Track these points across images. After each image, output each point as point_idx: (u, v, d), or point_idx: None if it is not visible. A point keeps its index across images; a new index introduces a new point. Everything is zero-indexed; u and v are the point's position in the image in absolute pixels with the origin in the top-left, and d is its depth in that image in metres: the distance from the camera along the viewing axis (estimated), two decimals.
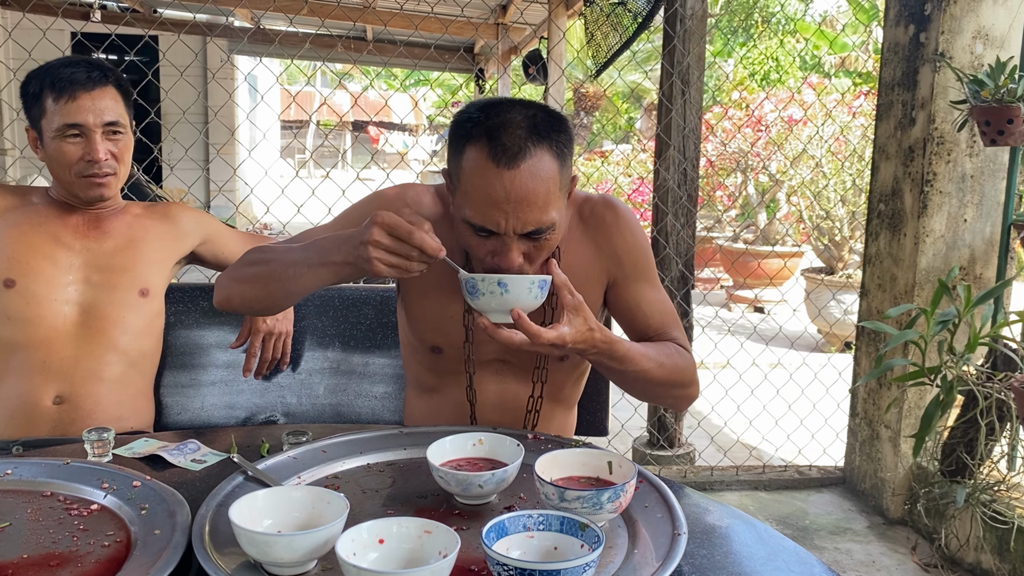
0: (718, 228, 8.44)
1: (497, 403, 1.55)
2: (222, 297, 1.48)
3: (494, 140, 1.25)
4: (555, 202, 1.29)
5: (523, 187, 1.25)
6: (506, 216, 1.26)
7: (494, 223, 1.27)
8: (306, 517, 1.03)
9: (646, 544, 1.03)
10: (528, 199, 1.25)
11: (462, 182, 1.30)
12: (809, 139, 5.95)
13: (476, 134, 1.27)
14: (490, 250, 1.32)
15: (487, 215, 1.27)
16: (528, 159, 1.25)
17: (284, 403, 1.98)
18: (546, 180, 1.27)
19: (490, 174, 1.25)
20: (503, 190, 1.25)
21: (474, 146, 1.27)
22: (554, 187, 1.28)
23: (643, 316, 1.52)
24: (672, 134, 3.39)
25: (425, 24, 5.48)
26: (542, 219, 1.28)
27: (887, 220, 3.18)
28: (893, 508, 3.17)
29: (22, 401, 1.69)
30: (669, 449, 3.61)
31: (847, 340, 5.76)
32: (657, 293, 1.54)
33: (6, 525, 1.08)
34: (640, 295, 1.52)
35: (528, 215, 1.27)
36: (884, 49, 3.23)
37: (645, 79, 13.49)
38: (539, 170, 1.26)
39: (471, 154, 1.28)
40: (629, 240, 1.51)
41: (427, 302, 1.52)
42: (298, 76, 19.48)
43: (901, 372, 2.95)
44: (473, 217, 1.29)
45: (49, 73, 1.69)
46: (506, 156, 1.24)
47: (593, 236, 1.50)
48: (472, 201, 1.28)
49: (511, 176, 1.24)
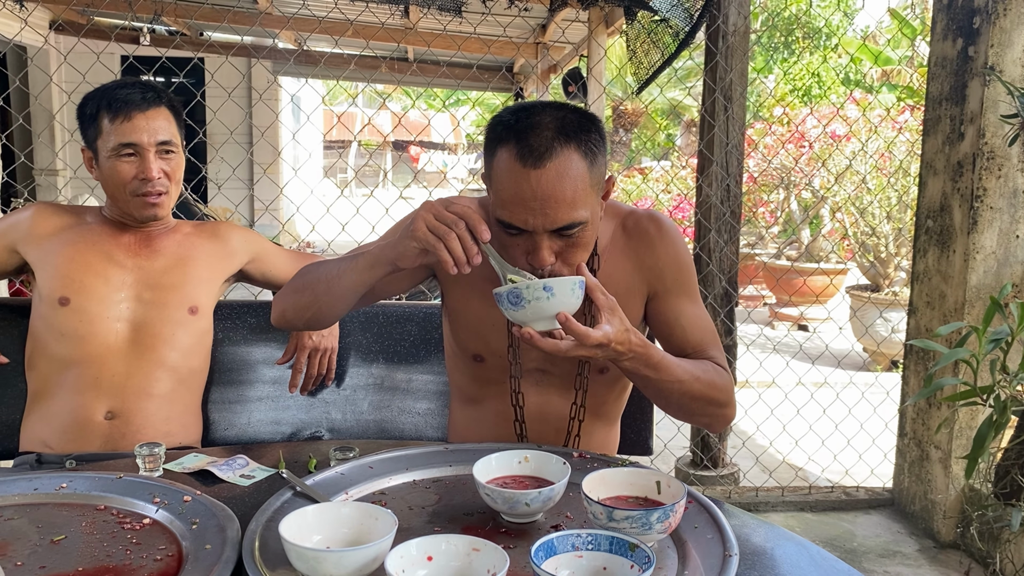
0: (761, 245, 8.36)
1: (538, 415, 1.55)
2: (278, 312, 1.54)
3: (522, 142, 1.29)
4: (584, 200, 1.31)
5: (549, 186, 1.28)
6: (534, 214, 1.29)
7: (522, 220, 1.30)
8: (354, 533, 1.03)
9: (696, 565, 1.02)
10: (555, 197, 1.28)
11: (494, 183, 1.34)
12: (854, 155, 5.87)
13: (506, 136, 1.32)
14: (524, 250, 1.34)
15: (515, 213, 1.30)
16: (555, 159, 1.28)
17: (329, 419, 1.99)
18: (574, 179, 1.29)
19: (518, 174, 1.29)
20: (530, 189, 1.28)
21: (504, 148, 1.31)
22: (583, 185, 1.31)
23: (682, 331, 1.51)
24: (715, 150, 3.37)
25: (467, 45, 5.53)
26: (570, 216, 1.30)
27: (935, 236, 3.12)
28: (944, 531, 3.09)
29: (75, 416, 1.73)
30: (713, 469, 3.57)
31: (894, 359, 5.66)
32: (697, 309, 1.53)
33: (61, 538, 1.10)
34: (680, 310, 1.51)
35: (555, 212, 1.29)
36: (931, 63, 3.18)
37: (686, 96, 13.44)
38: (566, 169, 1.29)
39: (501, 155, 1.32)
40: (672, 253, 1.51)
41: (469, 309, 1.53)
42: (339, 96, 19.75)
43: (952, 392, 2.89)
44: (504, 216, 1.32)
45: (106, 95, 1.74)
46: (532, 156, 1.28)
47: (635, 249, 1.51)
48: (502, 200, 1.32)
49: (537, 175, 1.28)
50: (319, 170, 13.28)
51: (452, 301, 1.56)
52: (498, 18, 4.70)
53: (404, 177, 20.95)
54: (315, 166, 13.16)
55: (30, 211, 1.82)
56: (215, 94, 6.42)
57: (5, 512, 1.18)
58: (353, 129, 14.65)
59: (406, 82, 7.87)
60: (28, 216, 1.81)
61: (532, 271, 1.33)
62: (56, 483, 1.25)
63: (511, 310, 1.24)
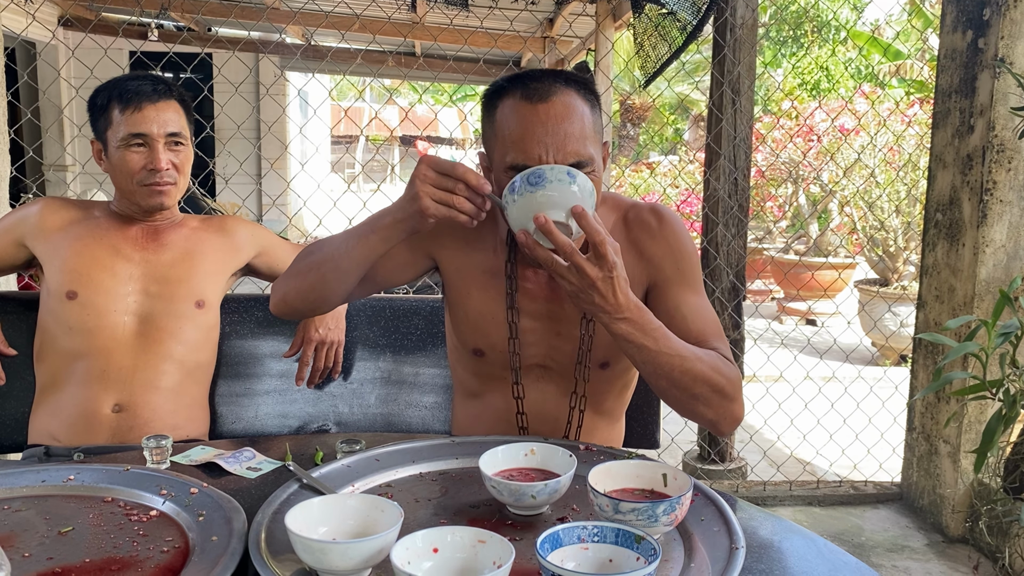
0: (768, 239, 8.34)
1: (539, 410, 1.54)
2: (278, 298, 1.50)
3: (526, 86, 1.32)
4: (591, 140, 1.33)
5: (559, 117, 1.30)
6: (546, 148, 1.29)
7: (535, 157, 1.29)
8: (360, 525, 1.03)
9: (703, 558, 1.01)
10: (565, 129, 1.30)
11: (499, 134, 1.35)
12: (862, 148, 5.85)
13: (508, 87, 1.34)
14: None
15: (528, 150, 1.30)
16: (559, 95, 1.31)
17: (336, 412, 2.00)
18: (580, 116, 1.32)
19: (526, 111, 1.31)
20: (540, 123, 1.29)
21: (508, 96, 1.34)
22: (588, 124, 1.33)
23: (682, 320, 1.44)
24: (722, 144, 3.36)
25: (473, 39, 5.52)
26: (582, 149, 1.31)
27: (945, 230, 3.11)
28: (953, 525, 3.08)
29: (82, 409, 1.73)
30: (720, 463, 3.56)
31: (902, 353, 5.64)
32: (699, 300, 1.48)
33: (69, 529, 1.10)
34: (680, 299, 1.47)
35: (567, 145, 1.30)
36: (940, 56, 3.16)
37: (694, 90, 13.40)
38: (572, 105, 1.31)
39: (506, 104, 1.34)
40: (672, 244, 1.49)
41: (470, 303, 1.53)
42: (347, 92, 19.74)
43: (961, 385, 2.88)
44: (516, 157, 1.31)
45: (117, 86, 1.75)
46: (538, 94, 1.31)
47: (636, 240, 1.49)
48: (512, 142, 1.32)
49: (546, 108, 1.30)
50: (326, 165, 13.29)
51: (452, 294, 1.56)
52: (505, 12, 4.69)
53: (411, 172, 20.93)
54: (322, 161, 13.18)
55: (38, 206, 1.83)
56: (223, 89, 6.43)
57: (13, 504, 1.18)
58: (360, 124, 14.65)
59: (413, 76, 7.87)
60: (36, 211, 1.82)
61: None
62: (63, 475, 1.25)
63: (528, 191, 1.20)
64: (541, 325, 1.51)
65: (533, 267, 1.49)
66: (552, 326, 1.50)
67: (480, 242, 1.52)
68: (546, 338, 1.51)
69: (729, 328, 3.45)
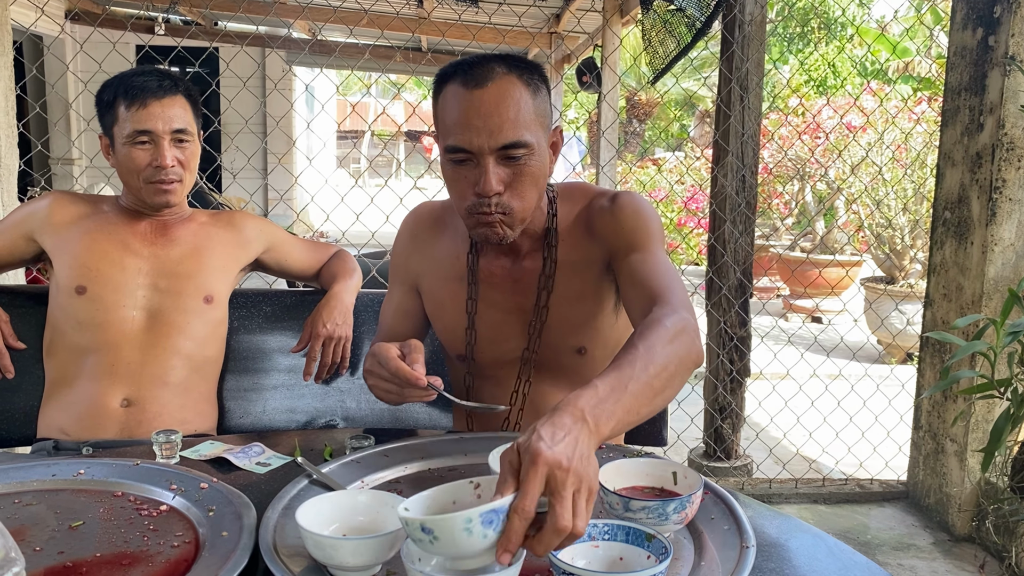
0: (775, 236, 8.32)
1: (530, 405, 1.55)
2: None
3: (466, 72, 1.35)
4: (528, 125, 1.34)
5: (492, 103, 1.32)
6: (478, 132, 1.32)
7: (467, 141, 1.33)
8: (370, 521, 1.03)
9: (712, 557, 1.01)
10: (498, 114, 1.32)
11: (440, 118, 1.38)
12: (870, 146, 5.83)
13: (452, 72, 1.37)
14: (472, 181, 1.36)
15: (461, 135, 1.33)
16: (496, 81, 1.33)
17: (344, 407, 2.00)
18: (516, 100, 1.34)
19: (462, 97, 1.34)
20: (473, 108, 1.33)
21: (450, 83, 1.37)
22: (526, 110, 1.34)
23: (642, 279, 1.39)
24: (730, 140, 3.35)
25: (481, 34, 5.51)
26: (514, 134, 1.33)
27: (953, 228, 3.10)
28: (959, 524, 3.08)
29: (91, 403, 1.74)
30: (726, 461, 3.56)
31: (909, 351, 5.63)
32: (653, 258, 1.42)
33: (79, 524, 1.11)
34: (634, 265, 1.42)
35: (499, 130, 1.32)
36: (950, 53, 3.15)
37: (701, 86, 13.37)
38: (508, 91, 1.33)
39: (448, 89, 1.37)
40: (621, 218, 1.47)
41: (445, 313, 1.56)
42: (352, 87, 19.73)
43: (968, 384, 2.87)
44: (451, 140, 1.35)
45: (123, 82, 1.74)
46: (475, 80, 1.33)
47: (593, 222, 1.50)
48: (448, 126, 1.36)
49: (480, 94, 1.33)
50: (333, 160, 13.28)
51: (430, 307, 1.59)
52: (513, 7, 4.69)
53: (418, 167, 20.95)
54: (329, 156, 13.17)
55: (48, 200, 1.83)
56: (229, 83, 6.43)
57: (24, 498, 1.19)
58: (367, 119, 14.64)
59: (420, 72, 7.86)
60: (46, 205, 1.82)
61: (479, 204, 1.36)
62: (74, 469, 1.25)
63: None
64: (512, 317, 1.53)
65: (495, 259, 1.52)
66: (522, 316, 1.52)
67: (445, 251, 1.56)
68: (520, 330, 1.53)
69: (736, 325, 3.45)
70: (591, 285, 1.50)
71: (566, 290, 1.49)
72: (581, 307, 1.51)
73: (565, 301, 1.50)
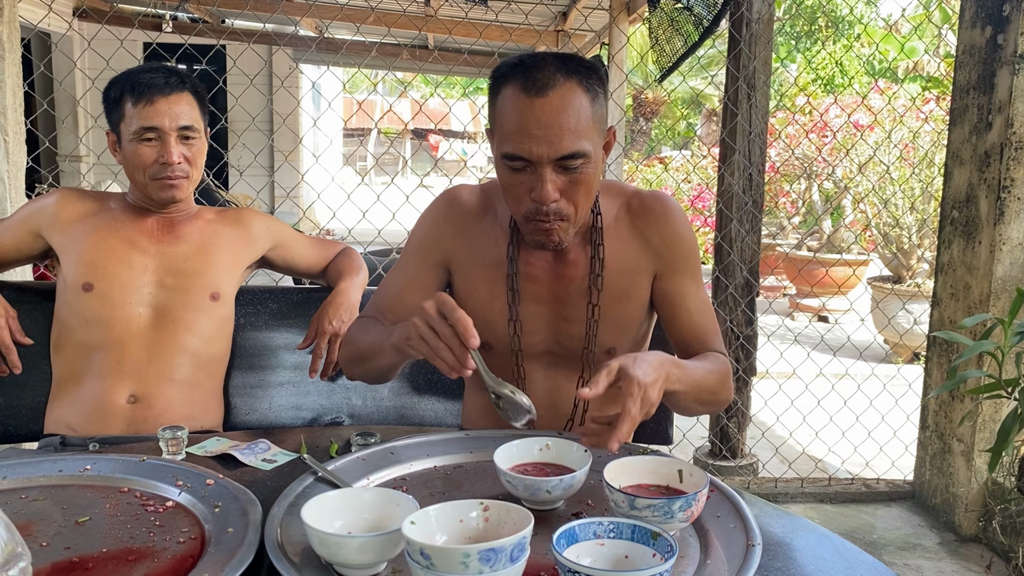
0: (781, 235, 8.30)
1: (548, 401, 1.54)
2: (346, 372, 1.60)
3: (526, 76, 1.33)
4: (587, 133, 1.34)
5: (553, 113, 1.31)
6: (538, 142, 1.32)
7: (527, 150, 1.33)
8: (376, 518, 1.03)
9: (718, 555, 1.01)
10: (558, 124, 1.31)
11: (498, 121, 1.37)
12: (877, 144, 5.81)
13: (510, 74, 1.36)
14: (528, 187, 1.36)
15: (520, 143, 1.33)
16: (557, 89, 1.32)
17: (349, 404, 2.00)
18: (576, 110, 1.33)
19: (522, 104, 1.32)
20: (534, 118, 1.31)
21: (509, 84, 1.35)
22: (585, 118, 1.34)
23: (687, 313, 1.52)
24: (737, 139, 3.35)
25: (487, 32, 5.51)
26: (573, 145, 1.32)
27: (961, 227, 3.09)
28: (966, 525, 3.07)
29: (98, 400, 1.74)
30: (732, 460, 3.56)
31: (916, 351, 5.61)
32: (701, 293, 1.54)
33: (86, 519, 1.11)
34: (685, 290, 1.52)
35: (559, 140, 1.32)
36: (959, 52, 3.14)
37: (708, 85, 13.34)
38: (569, 99, 1.32)
39: (506, 92, 1.36)
40: (678, 232, 1.51)
41: (476, 297, 1.54)
42: (359, 85, 19.72)
43: (976, 384, 2.86)
44: (509, 148, 1.34)
45: (130, 78, 1.74)
46: (536, 87, 1.32)
47: (641, 227, 1.51)
48: (507, 133, 1.35)
49: (542, 103, 1.31)
50: (339, 157, 13.29)
51: (460, 292, 1.57)
52: (520, 5, 4.68)
53: (424, 165, 20.94)
54: (335, 154, 13.18)
55: (55, 197, 1.83)
56: (236, 81, 6.44)
57: (30, 493, 1.19)
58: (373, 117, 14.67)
59: (427, 70, 7.86)
60: (53, 202, 1.82)
61: (536, 210, 1.36)
62: (80, 465, 1.26)
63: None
64: (546, 309, 1.52)
65: (536, 250, 1.51)
66: (557, 309, 1.52)
67: (483, 236, 1.55)
68: (552, 323, 1.53)
69: (742, 324, 3.44)
70: (636, 289, 1.52)
71: (612, 291, 1.50)
72: (623, 308, 1.52)
73: (610, 302, 1.50)
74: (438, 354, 1.22)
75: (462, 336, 1.20)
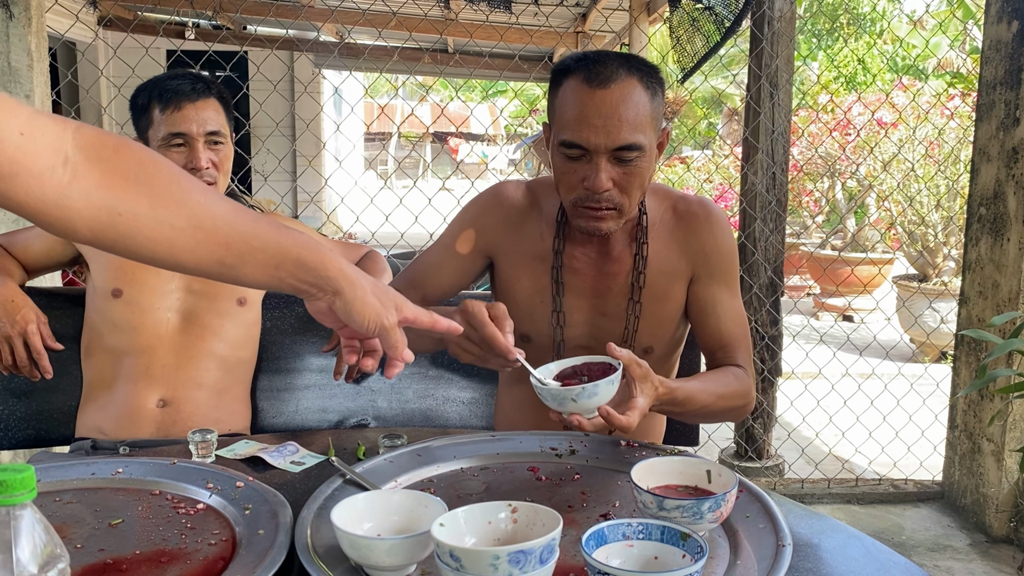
0: (805, 235, 8.24)
1: None
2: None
3: (590, 69, 1.37)
4: (644, 127, 1.38)
5: (613, 105, 1.35)
6: (596, 131, 1.35)
7: (585, 139, 1.36)
8: (404, 521, 1.03)
9: (748, 556, 1.01)
10: (618, 115, 1.35)
11: (558, 112, 1.41)
12: (901, 142, 5.75)
13: (574, 67, 1.40)
14: (581, 176, 1.39)
15: (579, 132, 1.37)
16: (619, 82, 1.36)
17: (375, 407, 2.01)
18: (636, 103, 1.36)
19: (583, 95, 1.37)
20: (595, 107, 1.35)
21: (572, 76, 1.39)
22: (644, 112, 1.38)
23: (716, 320, 1.53)
24: (760, 138, 3.33)
25: (508, 35, 5.51)
26: (631, 136, 1.36)
27: (988, 225, 3.05)
28: (997, 525, 3.03)
29: (128, 404, 1.76)
30: (757, 461, 3.53)
31: (943, 350, 5.55)
32: (735, 302, 1.55)
33: (119, 522, 1.12)
34: (718, 298, 1.53)
35: (617, 131, 1.35)
36: (984, 47, 3.10)
37: (729, 84, 13.28)
38: (629, 93, 1.36)
39: (569, 83, 1.40)
40: (719, 239, 1.54)
41: (519, 289, 1.56)
42: (379, 89, 19.81)
43: (1006, 383, 2.82)
44: (567, 135, 1.38)
45: (157, 85, 1.76)
46: (599, 79, 1.36)
47: (683, 231, 1.54)
48: (567, 122, 1.38)
49: (603, 95, 1.35)
50: (361, 161, 13.34)
51: (502, 283, 1.59)
52: (541, 7, 4.68)
53: (444, 168, 20.99)
54: (357, 157, 13.23)
55: None
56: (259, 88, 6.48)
57: (64, 496, 1.20)
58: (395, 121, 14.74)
59: (448, 74, 7.88)
60: None
61: (587, 197, 1.40)
62: (112, 468, 1.27)
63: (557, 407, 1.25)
64: (587, 304, 1.54)
65: (581, 246, 1.53)
66: (597, 304, 1.54)
67: (528, 229, 1.57)
68: (591, 317, 1.55)
69: (767, 324, 3.42)
70: (675, 290, 1.54)
71: (652, 290, 1.52)
72: (662, 308, 1.54)
73: (650, 301, 1.53)
74: (485, 365, 1.29)
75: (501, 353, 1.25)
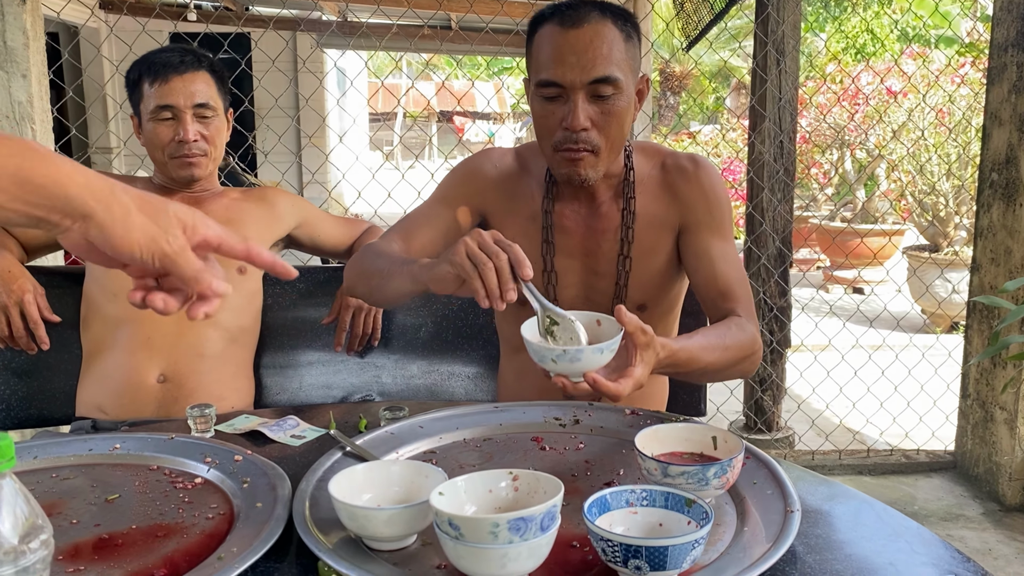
0: (813, 207, 8.17)
1: None
2: (347, 285, 1.59)
3: (563, 13, 1.40)
4: (619, 64, 1.39)
5: (587, 40, 1.37)
6: (571, 67, 1.37)
7: (560, 75, 1.38)
8: (405, 491, 1.01)
9: (756, 522, 0.98)
10: (592, 49, 1.37)
11: (535, 56, 1.43)
12: (910, 111, 5.68)
13: (548, 14, 1.42)
14: (560, 117, 1.40)
15: (554, 69, 1.38)
16: (592, 22, 1.38)
17: (379, 383, 1.99)
18: (610, 41, 1.38)
19: (557, 35, 1.39)
20: (569, 46, 1.38)
21: (546, 22, 1.42)
22: (618, 49, 1.39)
23: (710, 265, 1.50)
24: (767, 106, 3.28)
25: (509, 8, 5.44)
26: (604, 69, 1.37)
27: (1000, 190, 3.00)
28: (1010, 494, 3.00)
29: (128, 379, 1.74)
30: (767, 433, 3.51)
31: (954, 320, 5.51)
32: (728, 247, 1.52)
33: (115, 497, 1.11)
34: (710, 244, 1.51)
35: (592, 64, 1.37)
36: (996, 8, 3.04)
37: (733, 55, 13.15)
38: (602, 32, 1.38)
39: (543, 30, 1.42)
40: (706, 188, 1.52)
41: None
42: (384, 68, 19.69)
43: (1019, 350, 2.79)
44: (543, 75, 1.40)
45: (147, 60, 1.76)
46: (571, 20, 1.39)
47: (672, 184, 1.53)
48: (542, 63, 1.41)
49: (576, 33, 1.38)
50: (365, 140, 13.29)
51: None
52: None
53: (448, 148, 20.92)
54: (360, 135, 13.18)
55: None
56: (261, 66, 6.43)
57: (61, 472, 1.19)
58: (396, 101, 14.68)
59: (449, 50, 7.81)
60: None
61: (566, 138, 1.40)
62: (110, 444, 1.26)
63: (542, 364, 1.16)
64: (578, 263, 1.54)
65: (569, 203, 1.53)
66: (589, 263, 1.53)
67: (520, 191, 1.57)
68: (583, 277, 1.54)
69: (775, 296, 3.38)
70: (664, 243, 1.53)
71: (641, 244, 1.51)
72: (652, 263, 1.53)
73: (640, 255, 1.52)
74: (484, 275, 1.13)
75: (516, 265, 1.13)
